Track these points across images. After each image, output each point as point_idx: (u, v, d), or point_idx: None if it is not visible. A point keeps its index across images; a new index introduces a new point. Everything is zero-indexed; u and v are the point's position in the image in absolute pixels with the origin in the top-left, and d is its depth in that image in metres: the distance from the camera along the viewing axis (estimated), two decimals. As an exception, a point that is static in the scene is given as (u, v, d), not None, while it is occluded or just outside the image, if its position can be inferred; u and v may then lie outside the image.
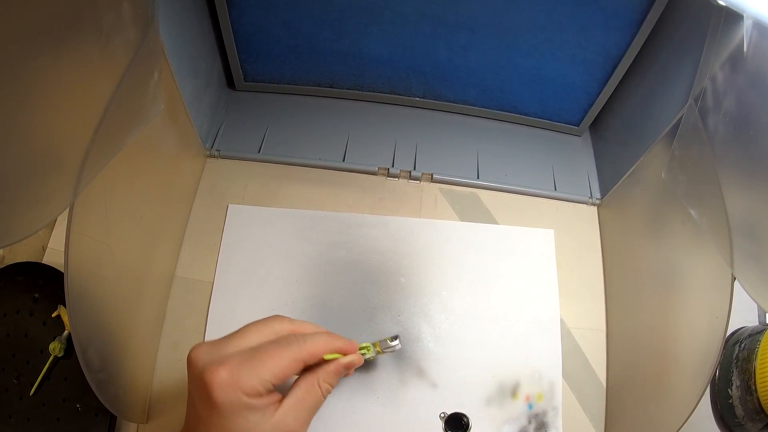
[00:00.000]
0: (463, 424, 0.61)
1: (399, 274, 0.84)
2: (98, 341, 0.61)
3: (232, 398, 0.50)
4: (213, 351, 0.53)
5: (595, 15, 0.76)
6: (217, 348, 0.53)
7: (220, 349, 0.53)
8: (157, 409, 0.76)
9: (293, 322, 0.58)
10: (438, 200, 0.90)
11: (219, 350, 0.53)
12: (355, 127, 0.96)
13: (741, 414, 0.73)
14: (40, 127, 0.45)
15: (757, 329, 0.77)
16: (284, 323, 0.58)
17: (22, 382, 0.75)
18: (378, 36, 0.85)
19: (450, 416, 0.62)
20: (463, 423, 0.61)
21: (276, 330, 0.57)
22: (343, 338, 0.60)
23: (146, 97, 0.62)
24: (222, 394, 0.50)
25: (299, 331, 0.58)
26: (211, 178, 0.90)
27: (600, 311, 0.84)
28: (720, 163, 0.56)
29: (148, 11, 0.59)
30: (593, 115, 0.94)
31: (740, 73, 0.51)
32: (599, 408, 0.79)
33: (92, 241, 0.58)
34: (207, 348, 0.53)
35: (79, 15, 0.45)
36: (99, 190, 0.56)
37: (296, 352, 0.54)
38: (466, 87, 0.94)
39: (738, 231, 0.53)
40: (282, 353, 0.53)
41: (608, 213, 0.89)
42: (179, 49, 0.73)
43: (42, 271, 0.80)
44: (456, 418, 0.62)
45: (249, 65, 0.93)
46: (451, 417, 0.62)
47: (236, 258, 0.84)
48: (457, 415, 0.61)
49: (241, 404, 0.50)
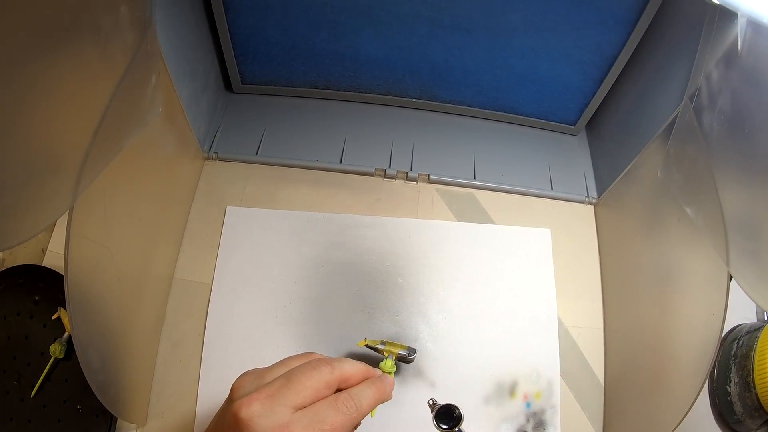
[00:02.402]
0: (454, 417, 0.59)
1: (396, 274, 0.84)
2: (98, 343, 0.61)
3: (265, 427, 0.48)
4: (255, 381, 0.52)
5: (590, 14, 0.76)
6: (259, 377, 0.52)
7: (262, 378, 0.52)
8: (157, 410, 0.76)
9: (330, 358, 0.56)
10: (435, 201, 0.90)
11: (260, 380, 0.52)
12: (352, 128, 0.97)
13: (740, 411, 0.73)
14: (39, 130, 0.45)
15: (755, 326, 0.77)
16: (321, 356, 0.56)
17: (23, 384, 0.75)
18: (374, 37, 0.85)
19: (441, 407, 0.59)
20: (455, 415, 0.59)
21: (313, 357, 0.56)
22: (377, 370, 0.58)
23: (144, 100, 0.63)
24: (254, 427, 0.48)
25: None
26: (210, 180, 0.91)
27: (597, 310, 0.85)
28: (715, 161, 0.56)
29: (145, 15, 0.59)
30: (589, 114, 0.94)
31: (735, 71, 0.52)
32: (597, 406, 0.80)
33: (92, 243, 0.58)
34: (250, 378, 0.52)
35: (77, 19, 0.46)
36: (98, 192, 0.57)
37: (327, 374, 0.52)
38: (462, 87, 0.94)
39: (733, 228, 0.53)
40: (314, 375, 0.51)
41: (605, 212, 0.90)
42: (177, 53, 0.73)
43: (42, 273, 0.80)
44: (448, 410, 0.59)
45: (246, 68, 0.94)
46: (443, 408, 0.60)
47: (235, 259, 0.84)
48: (449, 406, 0.59)
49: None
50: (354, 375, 0.54)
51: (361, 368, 0.55)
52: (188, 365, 0.78)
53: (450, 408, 0.59)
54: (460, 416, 0.58)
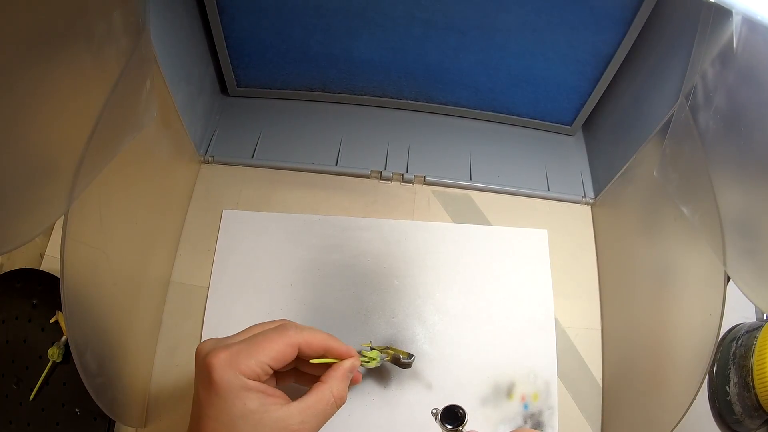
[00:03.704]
0: (458, 416, 0.60)
1: (393, 276, 0.84)
2: (95, 346, 0.61)
3: (231, 378, 0.52)
4: (218, 342, 0.56)
5: (585, 14, 0.76)
6: (222, 340, 0.57)
7: (224, 341, 0.56)
8: (155, 413, 0.76)
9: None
10: (431, 202, 0.90)
11: (223, 341, 0.56)
12: (348, 130, 0.97)
13: (739, 411, 0.73)
14: (34, 135, 0.45)
15: (754, 326, 0.77)
16: (286, 321, 0.61)
17: (22, 387, 0.76)
18: (368, 40, 0.85)
19: (445, 409, 0.61)
20: (459, 415, 0.60)
21: (277, 322, 0.60)
22: (341, 342, 0.62)
23: (139, 104, 0.63)
24: (221, 374, 0.52)
25: None
26: (206, 183, 0.91)
27: (595, 310, 0.85)
28: (711, 160, 0.56)
29: (139, 20, 0.59)
30: (585, 114, 0.94)
31: (730, 69, 0.52)
32: (595, 407, 0.79)
33: (88, 247, 0.58)
34: (213, 341, 0.57)
35: (70, 25, 0.46)
36: (94, 196, 0.57)
37: (292, 337, 0.57)
38: (457, 89, 0.94)
39: (730, 227, 0.53)
40: (278, 338, 0.56)
41: (601, 212, 0.90)
42: (171, 57, 0.73)
43: (40, 277, 0.80)
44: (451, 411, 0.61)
45: (241, 71, 0.94)
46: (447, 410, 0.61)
47: (231, 262, 0.84)
48: (452, 407, 0.61)
49: (239, 385, 0.52)
50: (316, 338, 0.59)
51: (323, 335, 0.60)
52: (186, 368, 0.78)
53: (453, 408, 0.61)
54: (464, 415, 0.60)
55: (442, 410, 0.62)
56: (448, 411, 0.61)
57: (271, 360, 0.54)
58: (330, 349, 0.60)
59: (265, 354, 0.54)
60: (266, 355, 0.54)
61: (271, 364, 0.54)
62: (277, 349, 0.55)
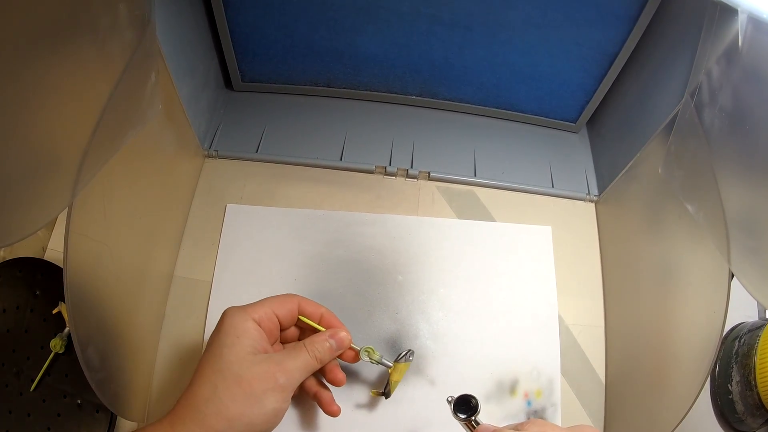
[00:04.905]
0: (472, 406, 0.61)
1: (396, 272, 0.84)
2: (98, 341, 0.61)
3: (237, 316, 0.64)
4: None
5: (590, 11, 0.76)
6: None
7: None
8: (157, 407, 0.76)
9: None
10: (435, 198, 0.90)
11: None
12: (352, 126, 0.97)
13: (741, 409, 0.73)
14: (38, 128, 0.45)
15: (757, 324, 0.77)
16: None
17: (23, 377, 0.76)
18: (374, 35, 0.85)
19: (459, 397, 0.62)
20: (472, 405, 0.61)
21: None
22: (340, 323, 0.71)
23: (143, 98, 0.63)
24: (231, 315, 0.64)
25: None
26: (210, 178, 0.91)
27: (598, 307, 0.85)
28: (716, 158, 0.56)
29: (144, 13, 0.59)
30: (590, 111, 0.94)
31: (735, 67, 0.52)
32: (598, 404, 0.79)
33: (91, 241, 0.58)
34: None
35: (75, 18, 0.46)
36: (97, 190, 0.57)
37: (295, 295, 0.70)
38: (462, 85, 0.94)
39: (735, 225, 0.53)
40: (283, 295, 0.69)
41: (606, 209, 0.90)
42: (176, 50, 0.73)
43: (42, 266, 0.80)
44: (465, 400, 0.61)
45: (246, 65, 0.94)
46: (460, 398, 0.62)
47: (235, 257, 0.84)
48: (466, 396, 0.61)
49: (243, 322, 0.63)
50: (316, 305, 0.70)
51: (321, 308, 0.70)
52: (189, 363, 0.78)
53: (467, 398, 0.62)
54: (477, 405, 0.61)
55: (456, 398, 0.62)
56: (461, 399, 0.62)
57: (275, 307, 0.66)
58: (325, 316, 0.70)
59: (269, 302, 0.67)
60: (271, 302, 0.67)
61: (275, 311, 0.66)
62: (281, 300, 0.68)
